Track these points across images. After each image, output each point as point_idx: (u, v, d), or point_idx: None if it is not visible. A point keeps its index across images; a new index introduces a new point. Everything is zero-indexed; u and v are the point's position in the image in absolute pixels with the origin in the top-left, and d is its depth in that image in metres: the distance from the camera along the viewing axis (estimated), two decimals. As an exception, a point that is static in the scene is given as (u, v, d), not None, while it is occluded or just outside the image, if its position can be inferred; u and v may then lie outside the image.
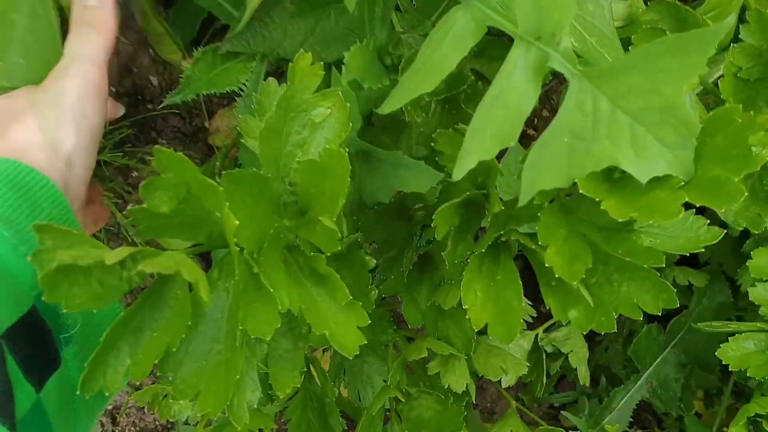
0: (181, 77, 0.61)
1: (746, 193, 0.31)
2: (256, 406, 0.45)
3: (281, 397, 0.40)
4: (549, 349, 0.65)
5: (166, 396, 0.64)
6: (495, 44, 0.52)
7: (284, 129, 0.40)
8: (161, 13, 0.74)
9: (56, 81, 0.42)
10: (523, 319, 0.60)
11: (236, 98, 0.64)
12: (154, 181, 0.33)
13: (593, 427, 0.68)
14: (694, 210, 0.37)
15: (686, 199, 0.32)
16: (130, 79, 0.91)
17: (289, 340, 0.41)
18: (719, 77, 0.54)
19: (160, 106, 0.62)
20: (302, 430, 0.55)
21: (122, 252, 0.31)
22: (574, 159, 0.31)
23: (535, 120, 0.94)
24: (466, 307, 0.42)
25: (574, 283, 0.39)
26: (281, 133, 0.40)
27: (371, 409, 0.52)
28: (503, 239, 0.43)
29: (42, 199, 0.38)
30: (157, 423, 0.80)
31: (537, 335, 0.64)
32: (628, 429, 0.73)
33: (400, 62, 0.52)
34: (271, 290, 0.34)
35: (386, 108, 0.38)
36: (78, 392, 0.32)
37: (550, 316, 0.72)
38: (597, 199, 0.33)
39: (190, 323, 0.33)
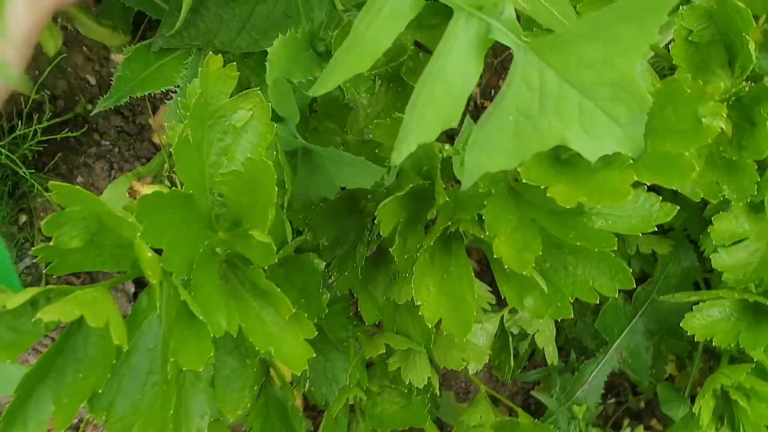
0: (112, 79, 0.58)
1: (698, 169, 0.29)
2: (214, 419, 0.43)
3: (231, 421, 0.38)
4: (515, 331, 0.64)
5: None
6: (433, 10, 0.49)
7: (204, 138, 0.37)
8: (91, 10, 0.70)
9: None
10: (488, 302, 0.58)
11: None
12: (59, 217, 0.30)
13: (565, 402, 0.67)
14: (646, 187, 0.35)
15: (635, 179, 0.30)
16: (65, 80, 0.86)
17: (236, 359, 0.39)
18: (670, 42, 0.52)
19: (94, 111, 0.58)
20: (265, 435, 0.53)
21: (26, 294, 0.28)
22: (519, 138, 0.28)
23: (492, 92, 0.91)
24: (419, 303, 0.40)
25: (528, 272, 0.37)
26: (201, 144, 0.37)
27: (332, 411, 0.50)
28: (452, 229, 0.41)
29: None
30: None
31: (502, 317, 0.63)
32: (600, 400, 0.72)
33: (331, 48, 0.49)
34: (202, 318, 0.31)
35: (316, 90, 0.35)
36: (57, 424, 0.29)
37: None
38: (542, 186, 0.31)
39: (115, 361, 0.31)
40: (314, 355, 0.35)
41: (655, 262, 0.71)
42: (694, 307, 0.55)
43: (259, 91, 0.36)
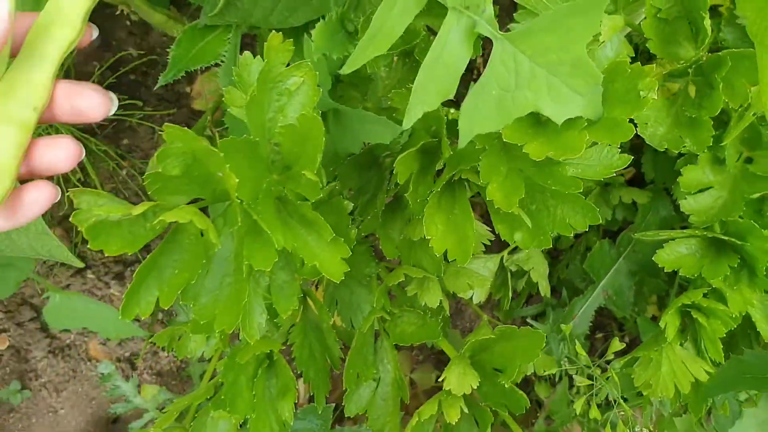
0: (168, 50, 0.67)
1: (635, 131, 0.39)
2: (264, 333, 0.54)
3: (283, 318, 0.49)
4: (513, 269, 0.74)
5: (181, 337, 0.73)
6: (439, 2, 0.59)
7: (265, 99, 0.48)
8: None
9: None
10: (490, 242, 0.68)
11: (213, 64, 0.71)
12: (166, 150, 0.41)
13: (557, 332, 0.78)
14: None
15: (589, 137, 0.40)
16: (111, 53, 0.96)
17: (286, 273, 0.50)
18: (643, 19, 0.61)
19: (156, 87, 0.68)
20: (305, 351, 0.64)
21: (143, 206, 0.39)
22: (501, 107, 0.39)
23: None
24: (429, 237, 0.50)
25: (515, 211, 0.47)
26: (263, 103, 0.48)
27: (362, 328, 0.61)
28: (456, 178, 0.52)
29: None
30: (172, 364, 0.89)
31: (502, 258, 0.73)
32: (589, 333, 0.83)
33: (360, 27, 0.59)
34: (269, 232, 0.42)
35: (347, 69, 0.46)
36: (120, 317, 0.40)
37: (515, 240, 0.81)
38: (518, 144, 0.41)
39: (204, 262, 0.42)
40: (349, 269, 0.46)
41: (636, 211, 0.81)
42: (664, 244, 0.65)
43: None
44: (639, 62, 0.40)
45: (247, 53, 0.57)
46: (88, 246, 0.39)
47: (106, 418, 0.88)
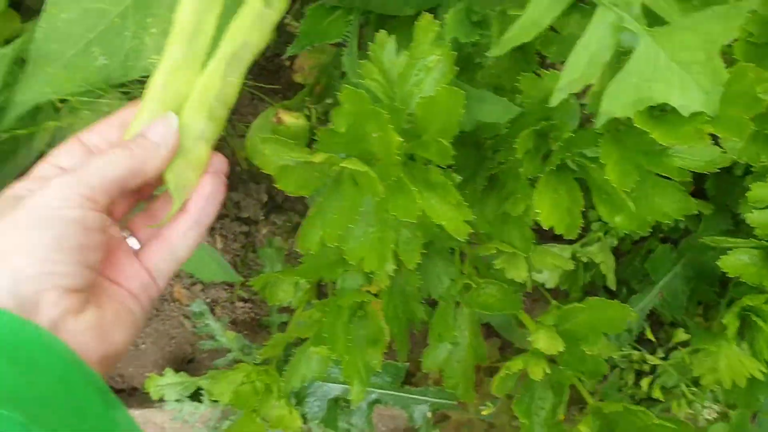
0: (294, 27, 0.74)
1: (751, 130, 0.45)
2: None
3: (413, 263, 0.55)
4: (584, 260, 0.79)
5: (269, 285, 0.79)
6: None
7: (409, 73, 0.54)
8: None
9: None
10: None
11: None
12: (339, 110, 0.47)
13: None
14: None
15: (711, 130, 0.46)
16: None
17: (408, 230, 0.56)
18: (734, 41, 0.67)
19: (284, 55, 0.75)
20: (390, 308, 0.70)
21: (321, 156, 0.46)
22: (639, 95, 0.45)
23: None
24: (538, 211, 0.56)
25: (622, 195, 0.53)
26: (407, 76, 0.54)
27: (448, 293, 0.67)
28: (566, 160, 0.58)
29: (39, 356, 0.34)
30: (246, 315, 0.96)
31: (573, 250, 0.79)
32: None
33: (482, 19, 0.65)
34: (414, 189, 0.49)
35: (493, 53, 0.52)
36: (297, 247, 0.47)
37: (582, 236, 0.87)
38: (645, 130, 0.47)
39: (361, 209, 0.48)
40: (471, 230, 0.52)
41: (698, 222, 0.86)
42: (728, 251, 0.71)
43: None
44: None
45: (382, 31, 0.64)
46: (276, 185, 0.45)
47: (183, 357, 0.95)
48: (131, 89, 0.60)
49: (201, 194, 0.43)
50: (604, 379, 0.86)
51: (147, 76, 0.45)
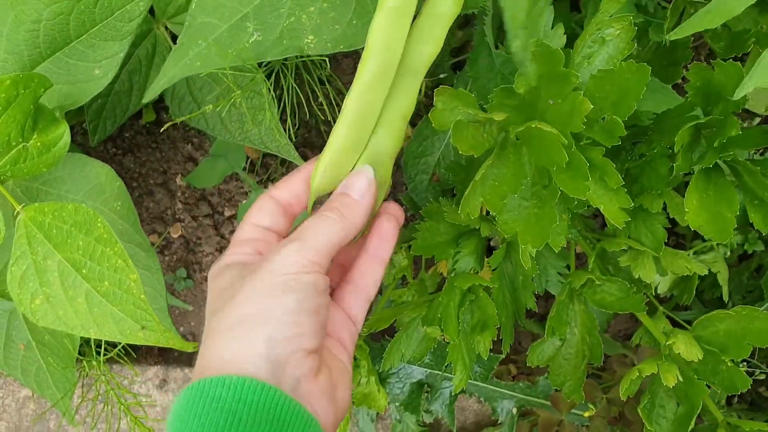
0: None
1: None
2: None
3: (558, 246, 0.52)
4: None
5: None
6: None
7: (581, 44, 0.51)
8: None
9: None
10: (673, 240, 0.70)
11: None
12: (524, 71, 0.44)
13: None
14: None
15: None
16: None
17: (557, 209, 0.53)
18: None
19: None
20: (500, 296, 0.67)
21: (499, 115, 0.43)
22: None
23: None
24: (687, 209, 0.53)
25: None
26: (579, 47, 0.51)
27: (571, 285, 0.63)
28: (728, 159, 0.54)
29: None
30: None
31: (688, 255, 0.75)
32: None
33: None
34: (586, 164, 0.45)
35: (673, 36, 0.48)
36: (487, 207, 0.44)
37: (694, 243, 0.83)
38: None
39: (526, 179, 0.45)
40: (628, 218, 0.49)
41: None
42: None
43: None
44: None
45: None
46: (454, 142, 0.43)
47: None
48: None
49: (377, 233, 0.46)
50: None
51: (302, 57, 0.43)
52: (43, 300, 0.55)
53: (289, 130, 0.84)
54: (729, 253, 0.78)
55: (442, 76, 0.85)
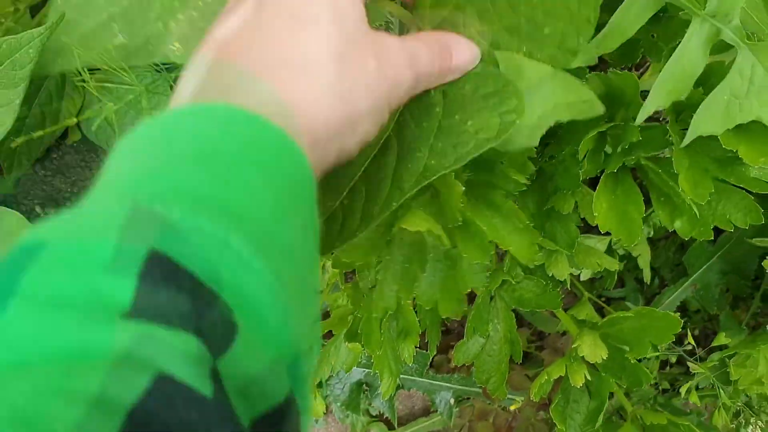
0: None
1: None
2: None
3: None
4: (621, 252, 0.77)
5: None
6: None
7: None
8: None
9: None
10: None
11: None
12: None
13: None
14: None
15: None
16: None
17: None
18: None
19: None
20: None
21: None
22: (728, 113, 0.41)
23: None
24: (596, 214, 0.53)
25: (687, 201, 0.50)
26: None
27: (486, 288, 0.64)
28: (627, 164, 0.54)
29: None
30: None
31: (611, 241, 0.76)
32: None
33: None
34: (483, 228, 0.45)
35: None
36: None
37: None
38: (733, 150, 0.44)
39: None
40: (539, 252, 0.49)
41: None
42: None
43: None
44: None
45: None
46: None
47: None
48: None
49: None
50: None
51: (166, 64, 0.40)
52: None
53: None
54: (652, 233, 0.80)
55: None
